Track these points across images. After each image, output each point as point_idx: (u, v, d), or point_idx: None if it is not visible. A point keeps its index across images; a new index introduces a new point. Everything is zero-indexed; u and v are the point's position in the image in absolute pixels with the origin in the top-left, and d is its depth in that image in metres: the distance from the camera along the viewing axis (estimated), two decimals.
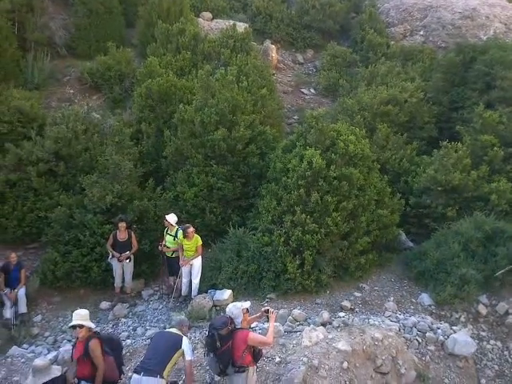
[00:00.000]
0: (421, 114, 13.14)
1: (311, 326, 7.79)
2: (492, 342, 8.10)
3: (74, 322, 5.86)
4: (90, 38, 16.48)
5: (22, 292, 9.23)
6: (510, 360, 7.85)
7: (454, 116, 13.26)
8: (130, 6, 17.96)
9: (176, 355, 5.91)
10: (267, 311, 6.11)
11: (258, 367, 6.38)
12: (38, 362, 6.92)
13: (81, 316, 5.89)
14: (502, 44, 14.42)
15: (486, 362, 7.80)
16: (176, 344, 5.96)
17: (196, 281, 9.34)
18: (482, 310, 8.56)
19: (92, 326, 5.96)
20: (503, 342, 8.08)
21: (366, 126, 11.98)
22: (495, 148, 10.90)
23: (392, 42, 18.24)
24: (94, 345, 5.73)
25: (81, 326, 5.81)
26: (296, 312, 8.30)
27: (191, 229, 9.20)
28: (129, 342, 8.15)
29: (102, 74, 15.11)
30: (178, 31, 15.19)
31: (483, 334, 8.22)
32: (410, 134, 12.58)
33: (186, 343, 6.00)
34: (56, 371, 6.73)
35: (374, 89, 13.61)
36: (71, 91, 15.07)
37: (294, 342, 7.36)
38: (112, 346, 6.06)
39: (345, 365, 6.88)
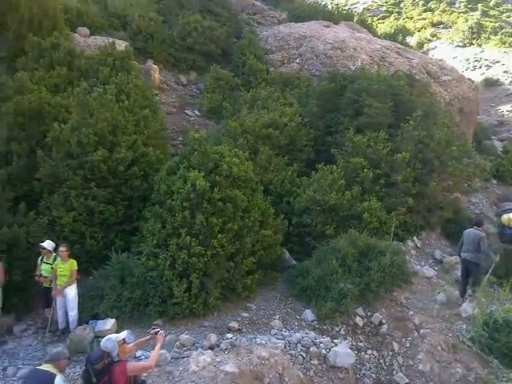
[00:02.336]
0: (300, 137, 13.83)
1: (199, 350, 7.69)
2: (369, 351, 8.64)
3: None
4: None
5: None
6: (385, 367, 8.43)
7: (329, 139, 14.16)
8: None
9: None
10: (157, 333, 5.97)
11: None
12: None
13: None
14: (367, 74, 15.81)
15: (364, 371, 8.29)
16: None
17: (73, 313, 8.76)
18: (359, 321, 9.13)
19: None
20: (379, 351, 8.67)
21: (249, 148, 12.32)
22: (365, 170, 11.86)
23: (271, 68, 19.07)
24: None
25: None
26: (183, 337, 8.13)
27: (63, 248, 8.68)
28: None
29: None
30: (51, 45, 14.33)
31: (361, 344, 8.75)
32: (291, 156, 13.19)
33: (59, 383, 5.47)
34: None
35: (256, 112, 14.07)
36: None
37: (181, 368, 7.20)
38: None
39: None
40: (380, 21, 42.34)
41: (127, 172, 10.51)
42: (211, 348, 7.84)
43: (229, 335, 8.39)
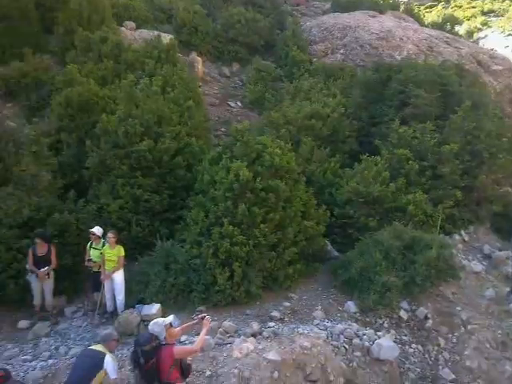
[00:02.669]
0: (342, 128, 13.66)
1: (241, 337, 7.77)
2: (414, 345, 8.50)
3: None
4: (4, 43, 15.49)
5: None
6: (430, 362, 8.28)
7: (373, 131, 13.94)
8: (47, 12, 17.14)
9: (99, 375, 5.63)
10: (203, 318, 6.06)
11: (187, 383, 6.25)
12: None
13: None
14: (414, 64, 15.41)
15: (408, 365, 8.17)
16: (97, 363, 5.68)
17: (120, 297, 9.00)
18: (404, 315, 8.97)
19: None
20: (424, 346, 8.51)
21: (292, 139, 12.25)
22: (410, 161, 11.59)
23: (314, 59, 18.94)
24: None
25: None
26: (226, 324, 8.23)
27: (111, 234, 8.92)
28: (51, 362, 7.65)
29: (17, 80, 14.28)
30: (99, 39, 14.73)
31: (405, 338, 8.61)
32: (333, 148, 13.03)
33: (108, 362, 5.71)
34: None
35: (299, 103, 14.00)
36: None
37: (225, 354, 7.30)
38: None
39: (275, 375, 6.93)
40: (427, 10, 41.04)
41: (171, 162, 10.69)
42: (253, 336, 7.90)
43: (271, 324, 8.44)
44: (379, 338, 8.22)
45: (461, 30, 35.21)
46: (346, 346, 7.94)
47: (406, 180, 11.40)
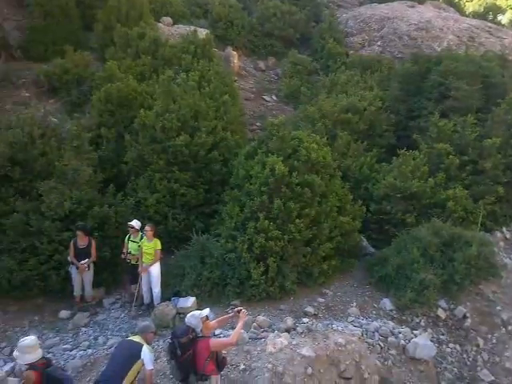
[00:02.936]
0: (379, 122, 13.45)
1: (275, 332, 7.78)
2: (451, 345, 8.32)
3: (21, 362, 5.40)
4: (46, 41, 16.00)
5: None
6: (468, 363, 8.09)
7: (411, 124, 13.66)
8: (87, 9, 17.56)
9: (136, 365, 5.76)
10: (239, 311, 6.10)
11: (222, 376, 6.32)
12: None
13: (27, 351, 5.30)
14: (455, 55, 14.97)
15: (445, 365, 8.01)
16: (135, 354, 5.81)
17: (156, 289, 9.18)
18: (441, 314, 8.78)
19: (37, 357, 5.38)
20: (462, 346, 8.32)
21: (327, 133, 12.14)
22: (451, 156, 11.29)
23: (351, 52, 18.68)
24: (26, 377, 5.28)
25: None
26: (260, 318, 8.27)
27: (148, 227, 9.07)
28: (90, 351, 7.91)
29: (59, 77, 14.70)
30: (137, 35, 14.97)
31: (442, 337, 8.44)
32: (370, 142, 12.85)
33: (145, 353, 5.84)
34: None
35: (335, 97, 13.84)
36: (27, 94, 14.57)
37: (259, 348, 7.34)
38: None
39: (309, 370, 6.92)
40: None
41: (207, 156, 10.79)
42: (287, 331, 7.91)
43: (305, 319, 8.41)
44: (415, 336, 8.09)
45: (504, 19, 33.84)
46: (381, 344, 7.85)
47: (445, 175, 11.12)
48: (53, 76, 14.73)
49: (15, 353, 5.41)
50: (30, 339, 5.40)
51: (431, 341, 8.10)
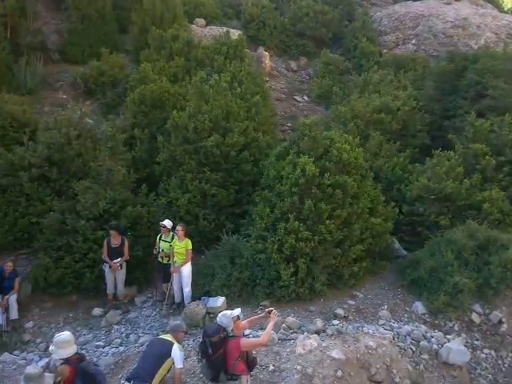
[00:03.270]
0: (413, 122, 13.20)
1: (305, 333, 7.75)
2: (486, 350, 8.07)
3: (56, 356, 5.52)
4: (83, 43, 16.44)
5: (13, 298, 9.18)
6: (503, 369, 7.84)
7: (446, 124, 13.35)
8: (123, 12, 17.94)
9: (166, 363, 5.85)
10: (270, 312, 6.10)
11: (251, 376, 6.35)
12: (31, 369, 6.60)
13: (62, 346, 5.42)
14: (492, 53, 14.55)
15: (479, 371, 7.77)
16: (166, 351, 5.90)
17: (187, 289, 9.28)
18: (476, 318, 8.54)
19: (72, 352, 5.49)
20: (497, 351, 8.07)
21: (359, 133, 11.98)
22: (487, 157, 10.98)
23: (384, 51, 18.40)
24: (61, 372, 5.39)
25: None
26: (290, 320, 8.25)
27: (180, 227, 9.18)
28: (121, 349, 8.08)
29: (95, 79, 15.09)
30: (171, 37, 15.19)
31: (477, 342, 8.20)
32: (403, 142, 12.63)
33: (176, 351, 5.92)
34: (49, 379, 6.54)
35: (367, 97, 13.67)
36: (64, 96, 15.01)
37: (288, 350, 7.33)
38: (85, 380, 5.43)
39: (339, 373, 6.86)
40: None
41: (238, 157, 10.85)
42: (317, 333, 7.85)
43: (335, 322, 8.35)
44: (449, 341, 7.90)
45: None
46: (413, 348, 7.70)
47: (481, 176, 10.80)
48: (89, 78, 15.14)
49: (51, 347, 5.58)
50: (66, 334, 5.55)
51: (465, 346, 7.89)
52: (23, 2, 15.52)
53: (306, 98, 17.33)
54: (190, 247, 9.27)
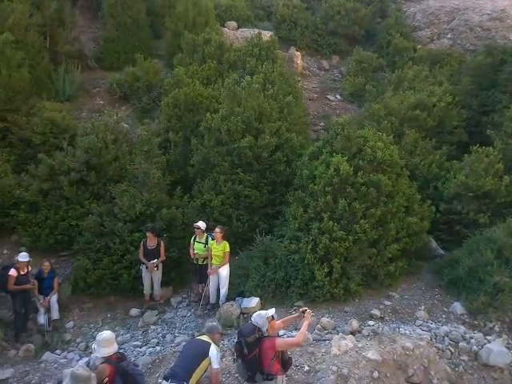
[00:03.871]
0: (450, 118, 12.91)
1: (340, 334, 7.70)
2: None
3: (98, 355, 5.54)
4: (119, 50, 16.83)
5: (54, 299, 9.47)
6: None
7: (484, 120, 13.00)
8: (156, 18, 18.27)
9: (203, 363, 5.91)
10: (304, 311, 6.09)
11: (287, 376, 6.35)
12: (81, 370, 5.81)
13: (104, 344, 5.47)
14: None
15: None
16: (203, 352, 5.96)
17: (224, 290, 9.37)
18: None
19: (113, 351, 5.55)
20: None
21: (394, 131, 11.81)
22: None
23: (419, 46, 18.02)
24: (101, 370, 5.44)
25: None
26: (324, 320, 8.22)
27: (218, 229, 9.26)
28: (158, 348, 8.24)
29: (130, 84, 15.42)
30: (203, 41, 15.35)
31: None
32: (439, 139, 12.37)
33: (213, 351, 5.97)
34: (93, 380, 6.46)
35: (402, 93, 13.44)
36: (101, 102, 15.42)
37: (323, 350, 7.29)
38: (125, 379, 5.48)
39: (375, 374, 6.78)
40: None
41: (271, 157, 10.88)
42: (352, 333, 7.80)
43: (370, 322, 8.26)
44: (489, 342, 7.69)
45: None
46: (452, 350, 7.53)
47: None
48: (124, 84, 15.49)
49: (93, 345, 5.72)
50: (108, 333, 5.64)
51: (506, 347, 7.67)
52: (61, 12, 16.01)
53: (338, 96, 17.18)
54: (228, 250, 9.32)
